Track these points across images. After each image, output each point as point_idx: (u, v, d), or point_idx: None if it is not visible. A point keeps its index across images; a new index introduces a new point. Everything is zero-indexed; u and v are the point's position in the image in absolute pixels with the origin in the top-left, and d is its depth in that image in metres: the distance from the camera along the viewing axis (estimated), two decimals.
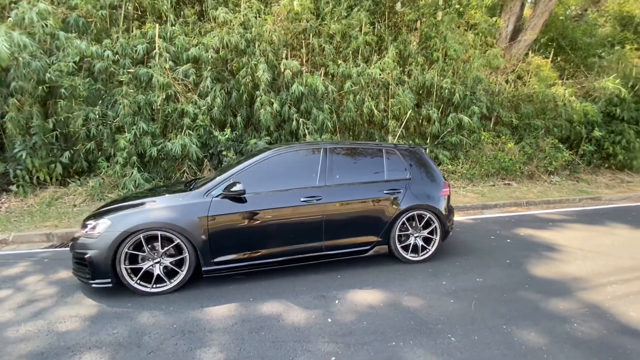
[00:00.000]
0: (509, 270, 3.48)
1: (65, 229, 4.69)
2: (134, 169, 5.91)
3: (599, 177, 9.29)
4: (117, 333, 2.37)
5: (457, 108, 8.39)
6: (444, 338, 2.32)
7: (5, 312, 2.64)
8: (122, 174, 5.88)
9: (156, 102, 6.12)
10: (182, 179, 6.46)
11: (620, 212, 6.10)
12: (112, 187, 6.15)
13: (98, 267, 2.79)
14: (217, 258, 3.02)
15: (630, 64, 10.28)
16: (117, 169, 5.83)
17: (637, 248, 4.15)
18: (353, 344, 2.25)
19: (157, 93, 6.08)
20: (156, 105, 6.20)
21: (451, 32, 8.42)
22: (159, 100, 6.05)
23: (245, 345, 2.23)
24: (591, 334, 2.38)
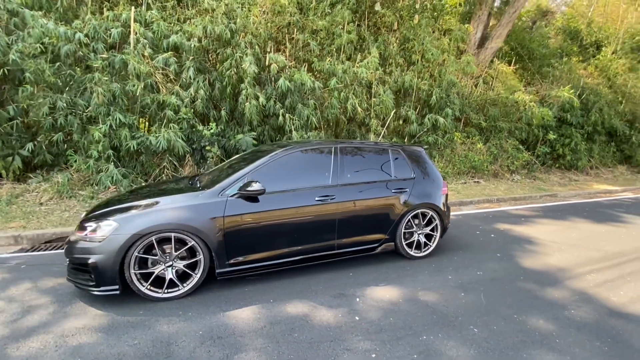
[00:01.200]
0: (502, 264, 3.77)
1: (36, 231, 4.21)
2: (110, 163, 5.45)
3: (551, 175, 10.30)
4: (139, 344, 2.20)
5: (432, 109, 8.80)
6: (467, 330, 2.47)
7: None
8: (96, 169, 5.40)
9: (134, 92, 5.67)
10: (162, 175, 6.09)
11: (576, 208, 6.83)
12: (83, 184, 5.62)
13: (104, 273, 2.56)
14: (232, 259, 2.92)
15: (577, 74, 11.49)
16: (90, 163, 5.33)
17: (600, 240, 4.69)
18: (387, 341, 2.31)
19: (135, 82, 5.63)
20: (134, 95, 5.75)
21: (428, 35, 8.78)
22: (137, 90, 5.61)
23: (282, 348, 2.20)
24: (588, 318, 2.68)
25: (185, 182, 3.67)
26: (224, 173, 3.52)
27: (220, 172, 3.73)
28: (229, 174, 3.21)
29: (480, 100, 9.88)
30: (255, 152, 3.94)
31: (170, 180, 4.23)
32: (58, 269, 3.27)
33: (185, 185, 3.56)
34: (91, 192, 5.36)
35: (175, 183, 3.79)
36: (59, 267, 3.33)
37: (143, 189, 3.74)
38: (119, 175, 5.36)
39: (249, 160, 3.54)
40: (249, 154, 4.01)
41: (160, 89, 6.01)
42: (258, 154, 3.54)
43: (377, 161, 3.71)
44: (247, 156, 3.87)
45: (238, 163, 3.72)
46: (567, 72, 11.26)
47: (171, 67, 6.01)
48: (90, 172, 5.48)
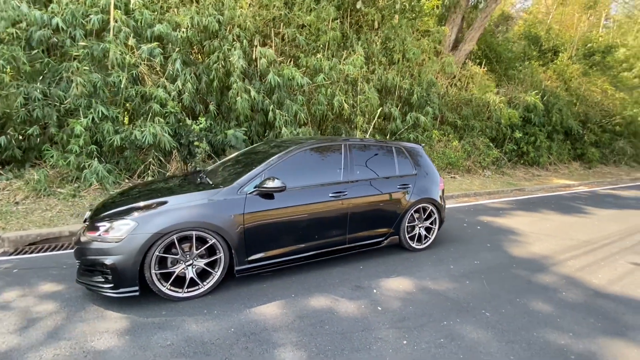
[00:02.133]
0: (493, 253, 4.07)
1: (18, 232, 3.89)
2: (93, 159, 5.13)
3: (517, 171, 11.11)
4: (172, 344, 2.17)
5: (413, 107, 9.14)
6: (480, 314, 2.68)
7: (7, 337, 2.17)
8: (77, 165, 5.06)
9: (116, 83, 5.36)
10: (147, 171, 5.82)
11: (544, 201, 7.47)
12: (61, 181, 5.24)
13: (124, 274, 2.47)
14: (251, 256, 2.92)
15: (539, 78, 12.44)
16: (70, 159, 4.98)
17: (570, 230, 5.20)
18: (413, 328, 2.46)
19: (119, 73, 5.33)
20: (117, 87, 5.44)
21: (409, 35, 9.09)
22: (122, 81, 5.31)
23: (317, 341, 2.27)
24: (578, 299, 3.01)
25: (176, 181, 3.54)
26: (233, 169, 3.50)
27: (225, 168, 3.69)
28: (240, 171, 3.19)
29: (455, 100, 10.40)
30: (258, 149, 3.92)
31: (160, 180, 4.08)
32: (56, 272, 3.08)
33: (179, 182, 3.46)
34: (72, 190, 5.01)
35: (165, 182, 3.63)
36: (57, 269, 3.14)
37: (133, 189, 3.54)
38: (104, 172, 5.06)
39: (259, 156, 3.54)
40: (253, 150, 3.98)
41: (146, 81, 5.73)
42: (269, 151, 3.54)
43: (383, 158, 3.85)
44: (253, 152, 3.85)
45: (246, 159, 3.69)
46: (530, 75, 12.15)
47: (157, 59, 5.73)
48: (70, 168, 5.12)
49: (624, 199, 8.00)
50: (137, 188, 3.43)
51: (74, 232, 4.05)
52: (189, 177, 3.67)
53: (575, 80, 13.22)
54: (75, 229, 4.06)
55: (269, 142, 4.12)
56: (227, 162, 4.00)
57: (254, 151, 3.93)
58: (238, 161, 3.78)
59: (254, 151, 3.92)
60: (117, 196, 3.22)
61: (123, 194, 3.24)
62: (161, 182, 3.57)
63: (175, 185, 3.36)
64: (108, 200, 3.16)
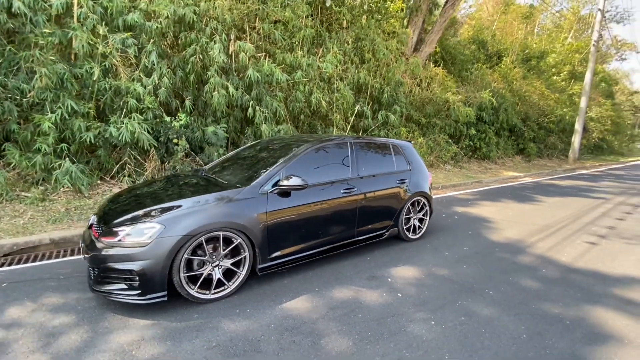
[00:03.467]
0: (476, 240, 4.52)
1: None
2: (64, 159, 4.68)
3: (472, 165, 12.16)
4: (219, 345, 2.15)
5: (383, 106, 9.57)
6: (485, 294, 3.02)
7: (34, 356, 1.99)
8: (45, 166, 4.57)
9: (85, 76, 4.92)
10: (123, 171, 5.44)
11: (501, 191, 8.33)
12: (24, 183, 4.70)
13: (152, 279, 2.37)
14: (273, 254, 2.96)
15: (488, 79, 13.67)
16: (37, 159, 4.49)
17: (530, 216, 5.91)
18: (435, 309, 2.70)
19: (91, 64, 4.89)
20: (87, 79, 4.99)
21: (378, 36, 9.47)
22: (95, 73, 4.88)
23: (356, 329, 2.40)
24: (555, 275, 3.50)
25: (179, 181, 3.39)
26: (244, 168, 3.47)
27: (230, 167, 3.64)
28: (252, 169, 3.22)
29: (419, 99, 11.06)
30: (260, 148, 3.91)
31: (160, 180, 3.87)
32: (55, 284, 2.83)
33: (185, 183, 3.33)
34: (40, 194, 4.53)
35: (167, 183, 3.46)
36: (54, 281, 2.89)
37: (133, 191, 3.32)
38: (78, 173, 4.64)
39: (266, 154, 3.56)
40: (255, 149, 3.95)
41: (119, 73, 5.32)
42: (275, 149, 3.57)
43: (382, 154, 4.06)
44: (257, 151, 3.83)
45: (251, 158, 3.68)
46: (480, 77, 13.31)
47: (130, 50, 5.35)
48: (34, 169, 4.61)
49: (563, 188, 9.22)
50: (137, 190, 3.24)
51: (57, 240, 3.71)
52: (190, 177, 3.54)
53: (517, 82, 14.76)
54: (57, 236, 3.72)
55: (270, 141, 4.11)
56: (228, 161, 3.94)
57: (257, 150, 3.91)
58: (242, 160, 3.75)
59: (258, 150, 3.90)
60: (122, 199, 3.03)
61: (127, 197, 3.05)
62: (162, 183, 3.41)
63: (183, 186, 3.23)
64: (113, 204, 2.96)
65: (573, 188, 9.26)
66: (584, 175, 12.38)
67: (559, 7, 22.01)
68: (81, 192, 4.73)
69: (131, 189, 3.32)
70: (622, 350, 2.30)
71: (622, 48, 30.50)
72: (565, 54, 18.98)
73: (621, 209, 6.82)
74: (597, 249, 4.35)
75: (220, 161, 4.04)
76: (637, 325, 2.62)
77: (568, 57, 18.98)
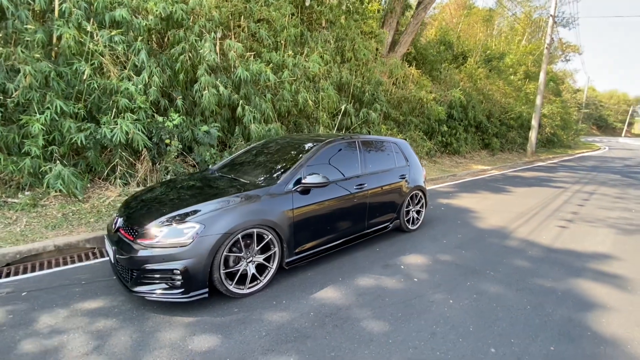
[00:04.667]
0: (467, 228, 4.95)
1: None
2: (54, 162, 4.46)
3: (444, 160, 12.91)
4: (269, 334, 2.29)
5: (363, 104, 9.90)
6: (487, 274, 3.39)
7: (89, 358, 2.01)
8: (34, 170, 4.34)
9: (69, 74, 4.72)
10: (115, 172, 5.27)
11: (475, 184, 9.00)
12: (8, 188, 4.42)
13: (195, 277, 2.45)
14: (298, 248, 3.11)
15: (455, 79, 14.52)
16: (26, 162, 4.26)
17: (506, 205, 6.51)
18: (450, 290, 3.01)
19: (81, 63, 4.69)
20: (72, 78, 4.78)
21: (358, 36, 9.77)
22: (86, 72, 4.69)
23: (388, 311, 2.64)
24: (541, 255, 3.97)
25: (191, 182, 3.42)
26: (261, 168, 3.57)
27: (244, 166, 3.72)
28: (269, 169, 3.37)
29: (396, 98, 11.54)
30: (268, 146, 4.02)
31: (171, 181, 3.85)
32: (79, 289, 2.79)
33: (204, 184, 3.38)
34: (31, 200, 4.29)
35: (182, 184, 3.49)
36: (76, 286, 2.84)
37: (149, 193, 3.31)
38: (71, 176, 4.45)
39: (279, 153, 3.69)
40: (265, 148, 4.05)
41: (109, 72, 5.13)
42: (286, 148, 3.71)
43: (384, 152, 4.33)
44: (267, 150, 3.93)
45: (263, 157, 3.79)
46: (449, 76, 14.11)
47: (119, 47, 5.18)
48: (22, 174, 4.36)
49: (527, 179, 10.12)
50: (157, 191, 3.24)
51: (61, 246, 3.59)
52: (205, 177, 3.58)
53: (481, 81, 15.81)
54: (61, 243, 3.60)
55: (275, 141, 4.22)
56: (238, 160, 4.00)
57: (267, 149, 4.01)
58: (254, 159, 3.84)
59: (267, 149, 4.00)
60: (147, 200, 3.02)
61: (150, 198, 3.05)
62: (181, 184, 3.42)
63: (205, 187, 3.27)
64: (138, 205, 2.95)
65: (536, 179, 10.20)
66: (541, 167, 13.60)
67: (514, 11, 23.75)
68: (75, 197, 4.54)
69: (149, 190, 3.31)
70: (607, 314, 2.74)
71: (567, 50, 33.48)
72: (520, 56, 20.55)
73: (579, 196, 7.68)
74: (568, 231, 4.95)
75: (230, 161, 4.09)
76: (615, 293, 3.10)
77: (523, 59, 20.58)
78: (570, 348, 2.29)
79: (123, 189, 5.14)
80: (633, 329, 2.54)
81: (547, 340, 2.35)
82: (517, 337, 2.38)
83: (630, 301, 2.96)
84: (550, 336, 2.41)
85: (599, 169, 13.30)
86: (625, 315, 2.73)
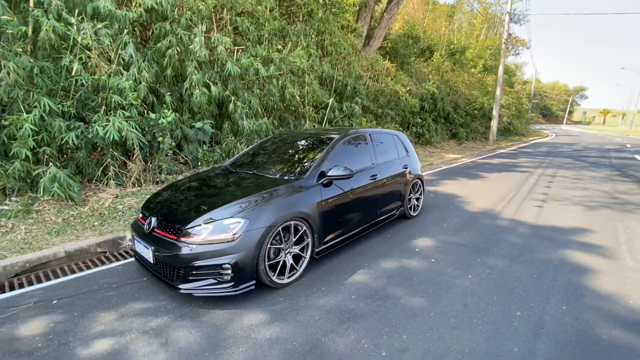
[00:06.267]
0: (459, 212, 5.37)
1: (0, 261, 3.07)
2: (48, 165, 4.19)
3: (418, 150, 13.53)
4: (322, 318, 2.43)
5: (344, 98, 10.12)
6: (491, 251, 3.76)
7: (158, 357, 2.04)
8: (24, 173, 4.05)
9: (58, 70, 4.44)
10: (108, 173, 5.03)
11: (452, 171, 9.61)
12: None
13: (244, 270, 2.52)
14: (326, 238, 3.26)
15: (424, 72, 15.18)
16: (16, 166, 3.96)
17: (486, 190, 7.07)
18: (466, 267, 3.32)
19: (70, 57, 4.41)
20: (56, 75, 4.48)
21: (337, 30, 9.92)
22: (75, 67, 4.42)
23: (419, 288, 2.88)
24: (529, 232, 4.45)
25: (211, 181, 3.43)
26: (280, 163, 3.65)
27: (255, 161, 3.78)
28: (290, 164, 3.47)
29: (373, 91, 11.88)
30: (277, 142, 4.09)
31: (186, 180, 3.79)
32: (113, 292, 2.74)
33: (224, 180, 3.41)
34: (22, 205, 4.01)
35: (202, 180, 3.49)
36: (108, 290, 2.78)
37: (169, 191, 3.28)
38: (67, 179, 4.20)
39: (297, 147, 3.79)
40: (275, 143, 4.11)
41: (97, 67, 4.85)
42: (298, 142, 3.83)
43: (388, 143, 4.56)
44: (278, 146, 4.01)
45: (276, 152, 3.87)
46: (419, 69, 14.73)
47: (107, 41, 4.91)
48: (10, 179, 4.06)
49: (496, 165, 10.96)
50: (183, 188, 3.21)
51: (72, 252, 3.44)
52: (227, 174, 3.59)
53: (447, 74, 16.66)
54: (72, 249, 3.45)
55: (285, 136, 4.29)
56: (251, 156, 4.03)
57: (279, 144, 4.07)
58: (269, 154, 3.90)
59: (279, 144, 4.07)
60: (178, 197, 3.00)
61: (180, 195, 3.03)
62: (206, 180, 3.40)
63: (232, 183, 3.28)
64: (171, 204, 2.92)
65: (503, 165, 11.08)
66: (504, 154, 14.74)
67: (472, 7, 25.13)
68: (72, 200, 4.30)
69: (172, 188, 3.27)
70: (598, 277, 3.20)
71: (516, 44, 36.03)
72: (479, 50, 21.87)
73: (544, 179, 8.52)
74: (544, 210, 5.54)
75: (241, 157, 4.10)
76: (599, 260, 3.60)
77: (481, 52, 21.92)
78: (579, 305, 2.68)
79: (119, 190, 4.93)
80: (621, 287, 3.00)
81: (559, 302, 2.73)
82: (533, 301, 2.73)
83: (612, 265, 3.46)
84: (560, 298, 2.79)
85: (553, 154, 14.70)
86: (611, 276, 3.20)
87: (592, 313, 2.59)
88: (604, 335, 2.32)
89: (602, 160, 12.63)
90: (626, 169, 10.55)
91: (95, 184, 5.03)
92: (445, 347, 2.15)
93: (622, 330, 2.38)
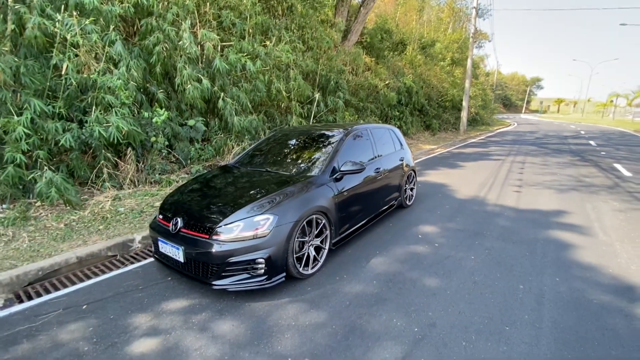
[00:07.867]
0: (449, 200, 5.74)
1: (10, 272, 2.96)
2: (43, 169, 4.02)
3: None
4: (352, 303, 2.62)
5: (328, 93, 10.26)
6: (488, 235, 4.12)
7: (209, 350, 2.14)
8: (17, 178, 3.87)
9: (37, 68, 4.25)
10: (103, 175, 4.89)
11: (431, 161, 10.10)
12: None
13: (276, 263, 2.65)
14: (340, 229, 3.44)
15: (399, 65, 15.62)
16: (9, 171, 3.78)
17: (468, 178, 7.55)
18: (468, 249, 3.64)
19: (60, 56, 4.22)
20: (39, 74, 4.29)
21: (319, 25, 10.00)
22: (65, 66, 4.24)
23: (431, 270, 3.15)
24: (515, 216, 4.88)
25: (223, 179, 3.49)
26: (291, 159, 3.76)
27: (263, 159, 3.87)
28: (300, 160, 3.62)
29: (354, 85, 12.11)
30: (280, 138, 4.20)
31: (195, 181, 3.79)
32: (142, 294, 2.77)
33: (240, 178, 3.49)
34: (18, 212, 3.84)
35: (215, 180, 3.55)
36: (135, 292, 2.81)
37: (185, 191, 3.30)
38: (64, 183, 4.06)
39: (305, 144, 3.91)
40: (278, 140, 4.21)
41: (86, 66, 4.66)
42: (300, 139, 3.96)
43: (385, 138, 4.80)
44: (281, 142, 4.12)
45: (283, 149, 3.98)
46: (394, 63, 15.14)
47: (94, 37, 4.73)
48: (3, 185, 3.86)
49: (470, 155, 11.62)
50: (200, 187, 3.25)
51: (84, 258, 3.39)
52: (240, 172, 3.66)
53: (420, 67, 17.24)
54: (84, 254, 3.39)
55: (287, 133, 4.40)
56: (258, 154, 4.10)
57: (284, 141, 4.18)
58: (276, 151, 4.00)
59: (284, 141, 4.17)
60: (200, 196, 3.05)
61: (201, 195, 3.08)
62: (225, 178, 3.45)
63: (248, 181, 3.36)
64: (194, 203, 2.96)
65: (477, 154, 11.77)
66: (475, 143, 15.59)
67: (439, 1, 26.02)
68: (70, 204, 4.16)
69: (189, 188, 3.30)
70: (579, 251, 3.64)
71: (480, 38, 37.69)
72: (447, 43, 22.74)
73: (516, 166, 9.20)
74: (523, 195, 6.06)
75: (247, 155, 4.16)
76: (578, 237, 4.06)
77: (450, 46, 22.80)
78: (569, 277, 3.07)
79: (115, 192, 4.82)
80: (600, 259, 3.44)
81: (552, 274, 3.11)
82: (531, 275, 3.08)
83: (589, 241, 3.93)
84: (553, 271, 3.17)
85: (519, 142, 15.75)
86: (591, 250, 3.65)
87: (581, 282, 2.98)
88: (595, 300, 2.70)
89: (563, 147, 13.74)
90: (584, 154, 11.59)
91: (89, 187, 4.87)
92: (467, 320, 2.42)
93: (607, 295, 2.78)
